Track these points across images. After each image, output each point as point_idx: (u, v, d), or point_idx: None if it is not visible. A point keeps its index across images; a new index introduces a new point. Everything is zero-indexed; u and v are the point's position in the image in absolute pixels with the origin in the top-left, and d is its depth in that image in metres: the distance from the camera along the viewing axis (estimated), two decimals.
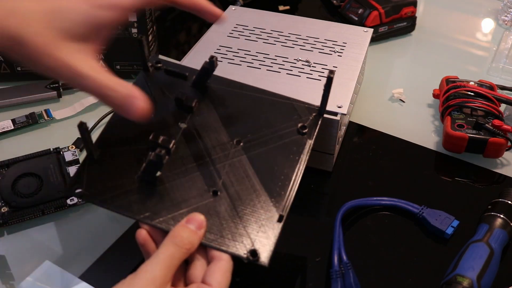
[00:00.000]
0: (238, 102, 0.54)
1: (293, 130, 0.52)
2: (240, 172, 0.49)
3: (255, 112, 0.53)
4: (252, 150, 0.50)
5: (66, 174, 0.62)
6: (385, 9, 0.90)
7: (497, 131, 0.67)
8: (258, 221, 0.46)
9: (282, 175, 0.49)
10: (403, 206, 0.61)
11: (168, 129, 0.51)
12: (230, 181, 0.48)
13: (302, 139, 0.51)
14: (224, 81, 0.55)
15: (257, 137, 0.51)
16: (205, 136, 0.51)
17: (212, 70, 0.53)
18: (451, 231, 0.58)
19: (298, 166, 0.49)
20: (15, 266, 0.55)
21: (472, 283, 0.50)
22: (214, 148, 0.50)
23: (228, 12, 0.81)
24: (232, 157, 0.50)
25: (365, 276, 0.54)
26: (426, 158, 0.70)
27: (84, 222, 0.59)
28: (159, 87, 0.54)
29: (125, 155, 0.49)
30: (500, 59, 0.87)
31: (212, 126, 0.52)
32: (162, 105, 0.52)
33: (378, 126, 0.75)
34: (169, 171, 0.48)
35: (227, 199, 0.47)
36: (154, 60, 0.56)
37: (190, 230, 0.44)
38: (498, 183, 0.67)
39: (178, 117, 0.52)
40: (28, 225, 0.59)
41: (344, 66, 0.69)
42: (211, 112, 0.53)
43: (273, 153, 0.50)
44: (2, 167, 0.62)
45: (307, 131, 0.51)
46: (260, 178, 0.48)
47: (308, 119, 0.52)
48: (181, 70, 0.55)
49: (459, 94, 0.72)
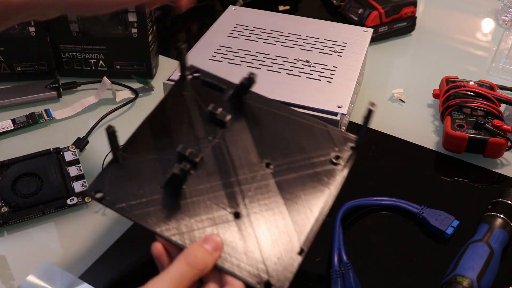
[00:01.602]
0: (273, 122, 0.52)
1: (327, 159, 0.49)
2: (266, 197, 0.46)
3: (289, 135, 0.51)
4: (282, 175, 0.48)
5: (66, 174, 0.62)
6: (385, 9, 0.90)
7: (497, 131, 0.67)
8: (277, 250, 0.44)
9: (309, 205, 0.46)
10: (403, 206, 0.61)
11: (198, 142, 0.49)
12: (254, 204, 0.46)
13: (335, 170, 0.48)
14: (261, 99, 0.53)
15: (288, 162, 0.49)
16: (234, 154, 0.49)
17: (250, 87, 0.51)
18: (451, 231, 0.58)
19: (327, 198, 0.47)
20: (15, 266, 0.55)
21: (472, 283, 0.50)
22: (242, 168, 0.48)
23: (228, 12, 0.81)
24: (260, 180, 0.47)
25: (365, 276, 0.54)
26: (426, 158, 0.70)
27: (84, 222, 0.60)
28: (194, 97, 0.53)
29: (151, 163, 0.48)
30: (500, 59, 0.87)
31: (243, 145, 0.50)
32: (195, 116, 0.51)
33: (378, 126, 0.75)
34: (194, 185, 0.46)
35: (248, 223, 0.45)
36: (192, 69, 0.54)
37: (205, 251, 0.42)
38: (498, 183, 0.67)
39: (210, 130, 0.50)
40: (28, 225, 0.59)
41: (344, 66, 0.69)
42: (244, 129, 0.51)
43: (303, 181, 0.48)
44: (2, 167, 0.62)
45: (341, 162, 0.49)
46: (286, 205, 0.46)
47: (343, 150, 0.50)
48: (219, 83, 0.53)
49: (459, 94, 0.72)
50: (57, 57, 0.78)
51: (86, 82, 0.78)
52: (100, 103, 0.75)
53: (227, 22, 0.78)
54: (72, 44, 0.77)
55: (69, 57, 0.79)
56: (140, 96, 0.78)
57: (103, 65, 0.79)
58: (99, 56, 0.78)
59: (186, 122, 0.49)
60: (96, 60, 0.79)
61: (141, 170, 0.47)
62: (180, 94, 0.53)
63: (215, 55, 0.70)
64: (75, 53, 0.78)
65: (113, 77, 0.78)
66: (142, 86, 0.79)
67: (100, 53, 0.78)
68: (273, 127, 0.51)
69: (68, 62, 0.79)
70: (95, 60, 0.79)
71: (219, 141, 0.50)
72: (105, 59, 0.79)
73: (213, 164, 0.48)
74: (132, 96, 0.77)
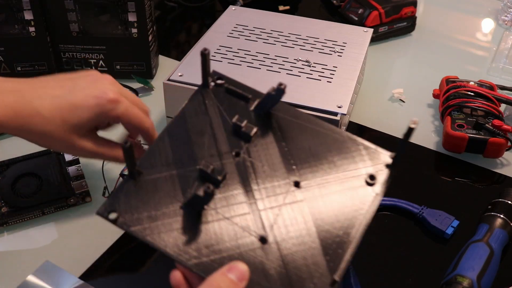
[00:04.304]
0: (302, 136, 0.47)
1: (361, 178, 0.44)
2: (295, 219, 0.42)
3: (319, 151, 0.46)
4: (312, 195, 0.43)
5: (66, 174, 0.62)
6: (385, 9, 0.90)
7: (497, 131, 0.67)
8: (307, 281, 0.39)
9: (342, 229, 0.42)
10: (403, 206, 0.61)
11: (221, 157, 0.45)
12: (282, 228, 0.42)
13: (369, 190, 0.44)
14: (289, 110, 0.48)
15: (319, 180, 0.44)
16: (260, 171, 0.45)
17: (278, 99, 0.46)
18: (451, 231, 0.58)
19: (361, 221, 0.42)
20: (15, 266, 0.55)
21: (472, 283, 0.50)
22: (269, 187, 0.44)
23: (228, 12, 0.81)
24: (288, 200, 0.43)
25: (365, 276, 0.54)
26: (426, 158, 0.70)
27: (84, 222, 0.59)
28: (217, 106, 0.48)
29: (170, 180, 0.44)
30: (500, 59, 0.87)
31: (269, 161, 0.45)
32: (217, 127, 0.47)
33: (378, 126, 0.75)
34: (216, 206, 0.42)
35: (276, 248, 0.41)
36: (216, 75, 0.50)
37: (230, 280, 0.38)
38: (498, 183, 0.67)
39: (234, 144, 0.46)
40: (28, 225, 0.59)
41: (344, 66, 0.69)
42: (270, 144, 0.46)
43: (336, 202, 0.43)
44: (2, 167, 0.62)
45: (375, 182, 0.44)
46: (317, 229, 0.41)
47: (378, 168, 0.45)
48: (244, 91, 0.49)
49: (459, 94, 0.72)
50: (57, 57, 0.78)
51: None
52: None
53: (227, 22, 0.78)
54: (72, 44, 0.77)
55: (69, 57, 0.79)
56: (140, 96, 0.78)
57: (103, 65, 0.79)
58: (99, 56, 0.78)
59: (208, 134, 0.45)
60: (96, 60, 0.79)
61: (158, 188, 0.43)
62: (201, 103, 0.48)
63: (215, 55, 0.70)
64: (75, 53, 0.78)
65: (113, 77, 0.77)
66: (142, 86, 0.79)
67: (100, 53, 0.78)
68: (302, 141, 0.47)
69: (68, 62, 0.79)
70: (95, 60, 0.79)
71: (244, 156, 0.45)
72: (105, 59, 0.79)
73: (237, 182, 0.44)
74: None
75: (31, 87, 0.50)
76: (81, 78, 0.52)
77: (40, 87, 0.51)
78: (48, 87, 0.51)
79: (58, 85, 0.51)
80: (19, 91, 0.49)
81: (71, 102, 0.50)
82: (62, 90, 0.51)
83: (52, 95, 0.50)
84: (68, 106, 0.50)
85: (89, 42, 0.77)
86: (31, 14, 0.73)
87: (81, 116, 0.50)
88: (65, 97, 0.50)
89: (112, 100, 0.51)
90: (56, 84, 0.51)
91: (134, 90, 0.78)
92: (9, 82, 0.50)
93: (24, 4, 0.72)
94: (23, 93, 0.49)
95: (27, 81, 0.51)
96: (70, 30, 0.76)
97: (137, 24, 0.75)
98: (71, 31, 0.76)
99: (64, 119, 0.50)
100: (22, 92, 0.49)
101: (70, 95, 0.50)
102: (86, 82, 0.52)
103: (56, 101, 0.50)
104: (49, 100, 0.50)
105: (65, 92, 0.51)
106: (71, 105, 0.50)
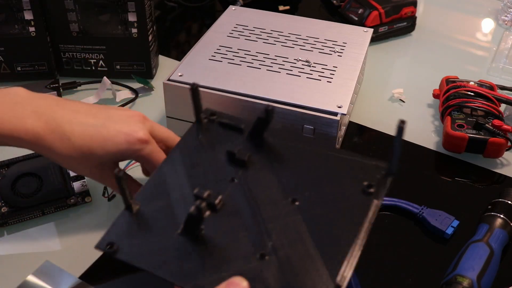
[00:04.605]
0: (297, 156, 0.48)
1: (358, 189, 0.45)
2: (293, 235, 0.42)
3: (314, 168, 0.47)
4: (309, 210, 0.44)
5: (66, 174, 0.62)
6: (385, 9, 0.90)
7: (497, 131, 0.67)
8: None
9: (342, 240, 0.42)
10: (403, 206, 0.61)
11: (217, 184, 0.46)
12: (281, 244, 0.42)
13: (367, 200, 0.44)
14: (282, 133, 0.50)
15: (316, 196, 0.45)
16: (257, 193, 0.45)
17: (269, 121, 0.48)
18: (451, 231, 0.58)
19: (361, 229, 0.42)
20: (15, 266, 0.55)
21: (472, 283, 0.50)
22: (266, 206, 0.44)
23: (228, 12, 0.81)
24: (285, 217, 0.43)
25: (365, 276, 0.54)
26: (426, 158, 0.70)
27: (84, 222, 0.59)
28: (211, 139, 0.50)
29: (168, 209, 0.44)
30: (500, 59, 0.87)
31: (266, 183, 0.46)
32: (213, 158, 0.48)
33: (378, 126, 0.75)
34: (214, 229, 0.43)
35: (276, 264, 0.41)
36: (208, 112, 0.52)
37: None
38: (498, 183, 0.67)
39: (230, 171, 0.47)
40: (28, 225, 0.59)
41: (344, 66, 0.69)
42: (265, 167, 0.47)
43: (333, 214, 0.43)
44: (2, 167, 0.62)
45: (373, 190, 0.44)
46: (316, 243, 0.42)
47: (376, 178, 0.45)
48: (236, 123, 0.50)
49: (459, 94, 0.72)
50: (57, 57, 0.78)
51: (86, 82, 0.78)
52: (100, 103, 0.75)
53: (227, 22, 0.78)
54: (72, 44, 0.77)
55: (69, 57, 0.79)
56: (140, 96, 0.78)
57: (103, 65, 0.79)
58: (99, 56, 0.78)
59: (204, 164, 0.47)
60: (96, 60, 0.79)
61: (156, 218, 0.44)
62: (196, 137, 0.51)
63: (215, 55, 0.70)
64: (75, 53, 0.78)
65: (113, 77, 0.78)
66: (142, 86, 0.79)
67: (100, 53, 0.78)
68: (297, 161, 0.48)
69: (68, 62, 0.79)
70: (95, 60, 0.79)
71: (240, 181, 0.46)
72: (105, 59, 0.79)
73: (234, 205, 0.44)
74: (132, 96, 0.77)
75: (62, 108, 0.50)
76: (114, 111, 0.53)
77: (72, 111, 0.51)
78: (81, 112, 0.51)
79: (91, 113, 0.51)
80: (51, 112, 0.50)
81: (103, 135, 0.50)
82: (95, 120, 0.51)
83: (84, 123, 0.50)
84: (98, 138, 0.50)
85: (89, 42, 0.77)
86: (31, 14, 0.73)
87: (109, 151, 0.51)
88: (97, 128, 0.50)
89: (142, 140, 0.51)
90: (89, 111, 0.52)
91: (134, 90, 0.78)
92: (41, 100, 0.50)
93: (24, 4, 0.72)
94: (54, 115, 0.50)
95: (59, 102, 0.51)
96: (70, 30, 0.76)
97: (137, 24, 0.75)
98: (71, 31, 0.76)
99: (92, 150, 0.50)
100: (54, 114, 0.50)
101: (103, 127, 0.51)
102: (119, 117, 0.52)
103: (88, 130, 0.50)
104: (80, 127, 0.50)
105: (98, 122, 0.51)
106: (102, 138, 0.50)
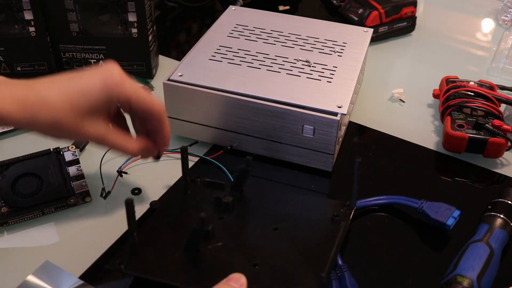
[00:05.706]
0: (274, 198, 0.59)
1: (327, 218, 0.56)
2: (278, 250, 0.52)
3: (290, 206, 0.58)
4: (290, 234, 0.54)
5: (66, 174, 0.62)
6: (385, 9, 0.90)
7: (497, 131, 0.67)
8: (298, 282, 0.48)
9: (320, 252, 0.51)
10: (403, 202, 0.61)
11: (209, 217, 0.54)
12: (269, 256, 0.51)
13: (336, 226, 0.55)
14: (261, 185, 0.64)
15: (293, 225, 0.55)
16: (243, 224, 0.56)
17: (249, 171, 0.56)
18: (452, 222, 0.57)
19: (336, 243, 0.52)
20: (15, 266, 0.55)
21: (472, 283, 0.50)
22: (252, 232, 0.55)
23: (228, 12, 0.81)
24: (270, 238, 0.53)
25: (365, 276, 0.54)
26: (426, 158, 0.70)
27: (84, 222, 0.59)
28: (198, 193, 0.60)
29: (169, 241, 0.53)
30: (500, 59, 0.87)
31: (249, 218, 0.57)
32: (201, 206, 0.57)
33: (378, 126, 0.75)
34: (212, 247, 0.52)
35: (266, 270, 0.49)
36: (191, 177, 0.61)
37: (232, 286, 0.44)
38: (498, 183, 0.67)
39: (218, 213, 0.56)
40: (28, 225, 0.59)
41: (344, 66, 0.69)
42: (248, 208, 0.57)
43: (310, 236, 0.54)
44: (2, 167, 0.62)
45: (340, 218, 0.55)
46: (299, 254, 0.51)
47: (340, 211, 0.56)
48: (218, 181, 0.59)
49: (459, 94, 0.72)
50: (57, 57, 0.78)
51: None
52: None
53: (227, 22, 0.78)
54: (72, 44, 0.77)
55: (69, 57, 0.79)
56: None
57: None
58: (99, 56, 0.78)
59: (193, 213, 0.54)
60: (96, 60, 0.79)
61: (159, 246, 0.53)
62: (185, 193, 0.60)
63: (215, 55, 0.70)
64: (75, 53, 0.78)
65: None
66: (142, 86, 0.79)
67: (100, 53, 0.78)
68: (275, 202, 0.59)
69: (68, 62, 0.79)
70: (95, 60, 0.79)
71: (228, 219, 0.56)
72: (105, 59, 0.79)
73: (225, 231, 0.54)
74: None
75: (39, 81, 0.51)
76: (87, 69, 0.53)
77: (48, 81, 0.51)
78: (56, 80, 0.52)
79: (65, 78, 0.52)
80: (28, 85, 0.50)
81: (78, 87, 0.51)
82: (69, 80, 0.51)
83: (60, 86, 0.51)
84: (75, 92, 0.50)
85: (89, 42, 0.77)
86: (31, 14, 0.73)
87: (89, 100, 0.50)
88: (72, 85, 0.51)
89: (118, 79, 0.52)
90: (63, 77, 0.52)
91: None
92: (18, 80, 0.51)
93: (24, 4, 0.72)
94: (31, 86, 0.49)
95: (36, 79, 0.51)
96: (70, 30, 0.76)
97: (137, 24, 0.75)
98: (71, 31, 0.76)
99: (73, 105, 0.50)
100: (31, 85, 0.50)
101: (77, 82, 0.51)
102: (92, 70, 0.52)
103: (64, 89, 0.50)
104: (56, 90, 0.50)
105: (72, 81, 0.51)
106: (78, 90, 0.50)
